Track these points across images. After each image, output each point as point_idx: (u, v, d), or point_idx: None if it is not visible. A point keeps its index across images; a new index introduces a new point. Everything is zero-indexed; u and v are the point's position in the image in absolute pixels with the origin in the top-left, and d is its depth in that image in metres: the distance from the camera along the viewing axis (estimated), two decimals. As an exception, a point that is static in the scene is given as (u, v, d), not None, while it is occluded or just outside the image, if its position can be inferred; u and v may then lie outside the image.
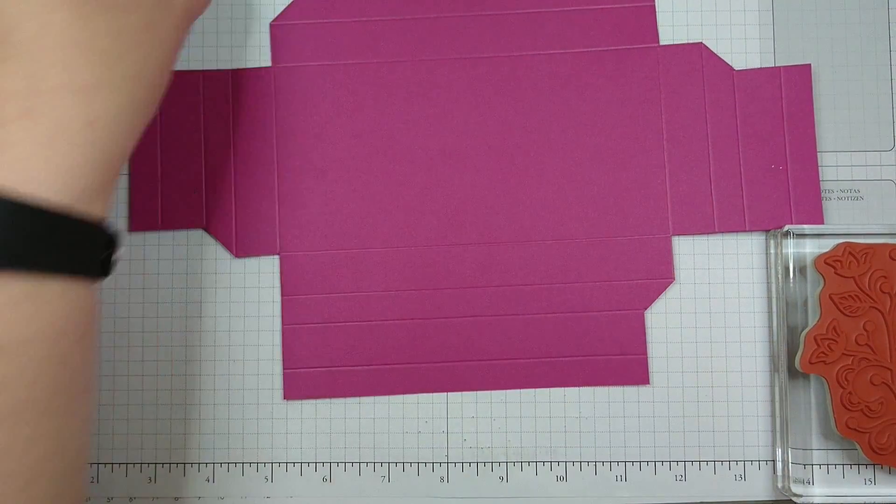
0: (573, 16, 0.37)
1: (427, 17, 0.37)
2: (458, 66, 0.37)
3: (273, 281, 0.36)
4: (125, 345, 0.36)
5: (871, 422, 0.34)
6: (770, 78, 0.36)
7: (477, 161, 0.36)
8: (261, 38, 0.37)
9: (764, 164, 0.36)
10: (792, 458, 0.35)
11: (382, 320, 0.36)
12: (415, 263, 0.36)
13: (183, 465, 0.36)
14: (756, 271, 0.36)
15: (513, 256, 0.36)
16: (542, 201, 0.36)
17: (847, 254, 0.34)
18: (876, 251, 0.34)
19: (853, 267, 0.34)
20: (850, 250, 0.34)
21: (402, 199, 0.36)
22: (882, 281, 0.34)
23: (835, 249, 0.34)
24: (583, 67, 0.36)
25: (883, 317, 0.34)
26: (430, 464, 0.36)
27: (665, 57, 0.36)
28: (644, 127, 0.36)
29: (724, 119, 0.36)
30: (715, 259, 0.36)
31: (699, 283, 0.36)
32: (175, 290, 0.36)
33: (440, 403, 0.36)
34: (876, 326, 0.34)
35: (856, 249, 0.34)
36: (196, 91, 0.36)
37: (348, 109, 0.36)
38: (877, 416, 0.34)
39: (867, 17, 0.37)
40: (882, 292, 0.34)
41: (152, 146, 0.36)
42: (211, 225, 0.36)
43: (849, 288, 0.34)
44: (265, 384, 0.36)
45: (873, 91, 0.37)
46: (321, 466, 0.36)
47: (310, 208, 0.36)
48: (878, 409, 0.34)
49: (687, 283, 0.36)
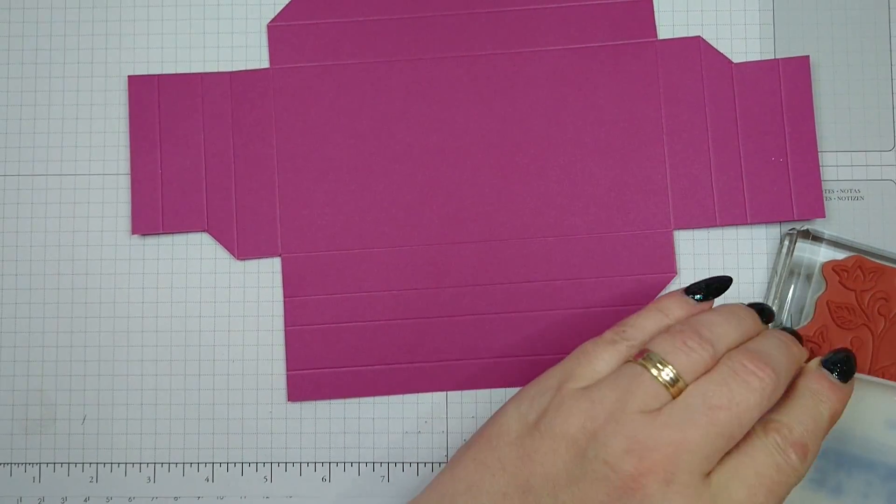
0: (571, 11, 0.37)
1: (424, 15, 0.37)
2: (456, 64, 0.37)
3: (273, 282, 0.36)
4: (125, 345, 0.36)
5: None
6: (769, 70, 0.36)
7: (477, 159, 0.36)
8: (259, 40, 0.37)
9: (764, 156, 0.36)
10: None
11: (385, 320, 0.36)
12: (416, 262, 0.36)
13: (183, 465, 0.36)
14: (757, 264, 0.36)
15: (514, 254, 0.36)
16: (543, 198, 0.36)
17: (856, 267, 0.34)
18: (885, 272, 0.34)
19: (858, 281, 0.34)
20: (861, 265, 0.34)
21: (403, 199, 0.36)
22: (881, 303, 0.34)
23: (846, 259, 0.34)
24: (581, 63, 0.36)
25: (872, 337, 0.34)
26: (429, 464, 0.36)
27: (663, 51, 0.36)
28: (643, 121, 0.36)
29: (723, 112, 0.36)
30: (715, 253, 0.36)
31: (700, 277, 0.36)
32: (175, 291, 0.36)
33: (440, 403, 0.36)
34: (862, 344, 0.34)
35: (866, 265, 0.34)
36: (195, 94, 0.37)
37: (347, 109, 0.36)
38: None
39: (868, 17, 0.37)
40: (878, 314, 0.34)
41: (153, 150, 0.36)
42: (212, 227, 0.36)
43: (848, 300, 0.34)
44: (265, 384, 0.36)
45: (873, 91, 0.37)
46: (321, 466, 0.36)
47: (310, 209, 0.36)
48: None
49: (688, 277, 0.36)
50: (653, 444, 0.26)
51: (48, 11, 0.38)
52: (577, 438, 0.26)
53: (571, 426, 0.27)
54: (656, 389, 0.27)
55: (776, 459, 0.27)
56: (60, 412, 0.36)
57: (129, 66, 0.37)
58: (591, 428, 0.26)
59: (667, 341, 0.28)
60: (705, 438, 0.26)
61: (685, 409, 0.26)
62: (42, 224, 0.37)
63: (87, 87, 0.37)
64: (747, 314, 0.30)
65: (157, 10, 0.37)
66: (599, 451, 0.26)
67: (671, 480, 0.25)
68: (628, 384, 0.27)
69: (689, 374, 0.27)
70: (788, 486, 0.27)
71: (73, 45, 0.37)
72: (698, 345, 0.28)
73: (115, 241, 0.37)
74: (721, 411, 0.26)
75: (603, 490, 0.26)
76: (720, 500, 0.26)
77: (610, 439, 0.26)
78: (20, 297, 0.36)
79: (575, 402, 0.27)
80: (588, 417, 0.27)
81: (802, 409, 0.28)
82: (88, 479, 0.36)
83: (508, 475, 0.27)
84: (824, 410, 0.28)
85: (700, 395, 0.27)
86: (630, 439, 0.26)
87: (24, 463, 0.36)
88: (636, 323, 0.30)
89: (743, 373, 0.27)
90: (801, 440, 0.27)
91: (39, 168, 0.37)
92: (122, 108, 0.37)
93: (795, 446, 0.27)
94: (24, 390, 0.36)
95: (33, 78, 0.37)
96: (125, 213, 0.37)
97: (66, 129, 0.37)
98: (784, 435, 0.27)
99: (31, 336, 0.36)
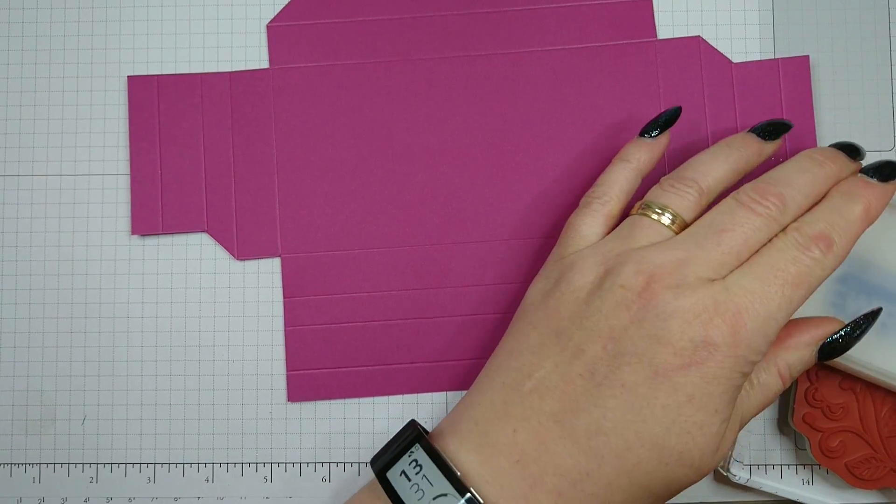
0: (570, 11, 0.37)
1: (424, 15, 0.37)
2: (455, 64, 0.37)
3: (273, 282, 0.36)
4: (125, 345, 0.36)
5: (827, 423, 0.33)
6: (768, 70, 0.36)
7: (476, 159, 0.36)
8: (258, 40, 0.37)
9: (764, 156, 0.36)
10: (741, 440, 0.35)
11: (385, 320, 0.36)
12: (415, 262, 0.36)
13: (182, 465, 0.36)
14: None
15: (514, 254, 0.36)
16: (543, 198, 0.36)
17: None
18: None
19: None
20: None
21: (403, 199, 0.36)
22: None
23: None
24: (581, 63, 0.36)
25: None
26: (430, 463, 0.36)
27: (663, 51, 0.36)
28: (643, 121, 0.36)
29: (723, 112, 0.36)
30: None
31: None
32: (175, 291, 0.36)
33: (440, 403, 0.36)
34: None
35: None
36: (195, 94, 0.37)
37: (347, 109, 0.36)
38: (834, 419, 0.33)
39: (868, 17, 0.37)
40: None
41: (153, 150, 0.36)
42: (212, 228, 0.36)
43: None
44: (265, 384, 0.36)
45: (873, 91, 0.37)
46: (321, 466, 0.36)
47: (310, 209, 0.36)
48: (837, 412, 0.33)
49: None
50: (659, 261, 0.27)
51: (48, 11, 0.38)
52: (593, 281, 0.28)
53: (588, 274, 0.29)
54: (658, 228, 0.29)
55: (793, 254, 0.27)
56: (60, 412, 0.36)
57: (129, 66, 0.37)
58: (604, 269, 0.28)
59: (656, 189, 0.30)
60: (710, 254, 0.27)
61: (691, 235, 0.28)
62: (42, 224, 0.37)
63: (87, 87, 0.37)
64: (744, 143, 0.31)
65: (157, 10, 0.37)
66: (615, 279, 0.28)
67: (679, 284, 0.27)
68: (630, 231, 0.29)
69: (685, 211, 0.29)
70: (813, 279, 0.27)
71: (73, 46, 0.37)
72: (682, 184, 0.30)
73: (115, 242, 0.37)
74: (725, 234, 0.28)
75: (623, 308, 0.27)
76: (733, 289, 0.27)
77: (622, 268, 0.28)
78: (20, 297, 0.36)
79: (583, 258, 0.29)
80: (601, 262, 0.29)
81: (829, 209, 0.29)
82: (88, 480, 0.36)
83: (541, 329, 0.29)
84: (856, 207, 0.29)
85: (706, 223, 0.28)
86: (639, 262, 0.28)
87: (24, 463, 0.36)
88: (603, 180, 0.32)
89: (748, 202, 0.28)
90: (824, 233, 0.28)
91: (39, 168, 0.37)
92: (122, 108, 0.37)
93: (818, 239, 0.28)
94: (24, 390, 0.36)
95: (33, 78, 0.37)
96: (125, 214, 0.37)
97: (66, 129, 0.37)
98: (803, 231, 0.28)
99: (31, 336, 0.36)
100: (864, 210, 0.29)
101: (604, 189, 0.31)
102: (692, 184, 0.30)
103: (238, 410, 0.36)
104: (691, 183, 0.30)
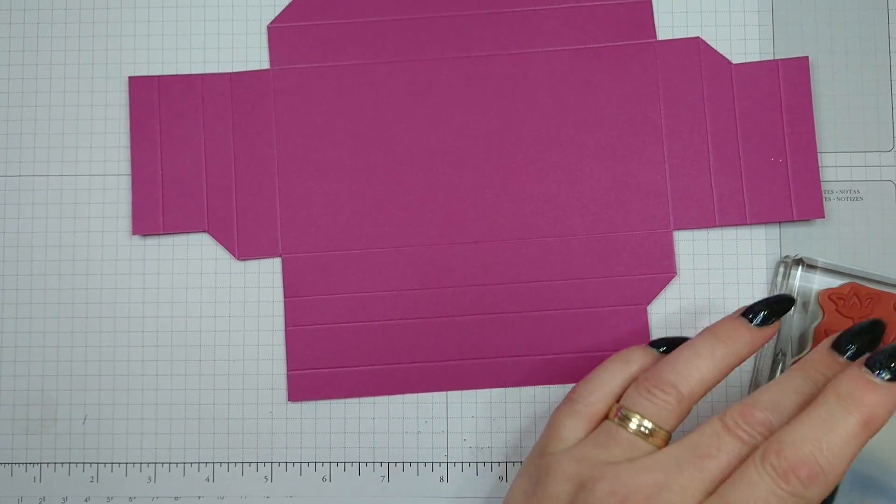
0: (570, 13, 0.37)
1: (424, 16, 0.37)
2: (455, 65, 0.37)
3: (273, 282, 0.36)
4: (125, 345, 0.36)
5: None
6: (768, 71, 0.36)
7: (477, 159, 0.36)
8: (259, 41, 0.37)
9: (764, 157, 0.36)
10: None
11: (385, 320, 0.36)
12: (416, 263, 0.36)
13: (183, 465, 0.36)
14: (756, 265, 0.36)
15: (514, 254, 0.36)
16: (543, 198, 0.36)
17: (852, 294, 0.34)
18: (881, 298, 0.34)
19: (855, 308, 0.34)
20: (856, 292, 0.34)
21: (403, 199, 0.36)
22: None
23: (841, 287, 0.34)
24: (581, 64, 0.36)
25: None
26: (429, 464, 0.36)
27: (663, 52, 0.36)
28: (643, 122, 0.36)
29: (722, 113, 0.36)
30: (715, 254, 0.36)
31: (699, 277, 0.36)
32: (175, 291, 0.36)
33: (440, 403, 0.36)
34: None
35: (861, 292, 0.34)
36: (196, 95, 0.37)
37: (347, 110, 0.37)
38: None
39: (867, 17, 0.37)
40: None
41: (153, 151, 0.36)
42: (213, 228, 0.36)
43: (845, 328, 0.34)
44: (265, 384, 0.36)
45: (873, 91, 0.37)
46: (321, 466, 0.36)
47: (311, 210, 0.36)
48: None
49: (687, 277, 0.36)
50: (635, 486, 0.26)
51: (48, 12, 0.38)
52: (569, 492, 0.27)
53: (563, 483, 0.28)
54: (634, 441, 0.28)
55: (769, 487, 0.24)
56: (61, 412, 0.36)
57: (130, 66, 0.37)
58: (579, 481, 0.27)
59: (633, 393, 0.29)
60: (691, 480, 0.26)
61: (673, 456, 0.27)
62: (42, 224, 0.37)
63: (87, 88, 0.37)
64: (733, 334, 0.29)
65: (157, 10, 0.38)
66: (588, 497, 0.26)
67: None
68: (605, 440, 0.28)
69: (664, 421, 0.28)
70: None
71: (73, 46, 0.37)
72: (661, 390, 0.28)
73: (115, 242, 0.37)
74: (709, 460, 0.26)
75: None
76: None
77: (596, 485, 0.26)
78: (20, 297, 0.36)
79: (559, 464, 0.28)
80: (575, 473, 0.27)
81: (818, 423, 0.25)
82: (89, 479, 0.36)
83: None
84: (853, 419, 0.25)
85: (690, 445, 0.27)
86: (614, 482, 0.26)
87: (25, 463, 0.36)
88: (594, 377, 0.30)
89: (734, 428, 0.26)
90: (807, 460, 0.24)
91: (39, 168, 0.37)
92: (123, 108, 0.37)
93: (798, 468, 0.24)
94: (25, 390, 0.36)
95: (33, 78, 0.37)
96: (125, 214, 0.37)
97: (66, 129, 0.37)
98: (783, 455, 0.24)
99: (31, 336, 0.36)
100: (863, 423, 0.25)
101: (592, 388, 0.30)
102: (671, 390, 0.28)
103: (238, 410, 0.36)
104: (670, 389, 0.28)
